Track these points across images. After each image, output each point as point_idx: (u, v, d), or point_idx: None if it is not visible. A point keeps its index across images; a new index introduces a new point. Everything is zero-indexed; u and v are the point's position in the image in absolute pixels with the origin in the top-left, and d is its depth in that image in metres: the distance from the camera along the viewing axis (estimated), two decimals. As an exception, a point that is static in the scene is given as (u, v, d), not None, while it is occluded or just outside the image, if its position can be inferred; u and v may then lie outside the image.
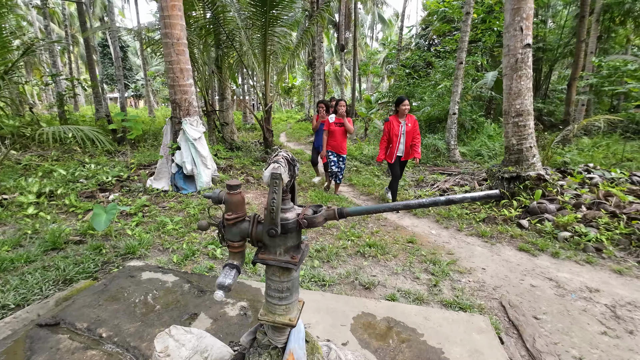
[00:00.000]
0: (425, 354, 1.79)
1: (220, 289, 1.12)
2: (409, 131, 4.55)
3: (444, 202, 1.02)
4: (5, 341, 1.81)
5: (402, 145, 4.58)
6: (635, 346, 2.00)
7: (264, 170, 1.09)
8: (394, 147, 4.56)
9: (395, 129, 4.50)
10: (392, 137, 4.54)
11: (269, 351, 1.26)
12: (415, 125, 4.59)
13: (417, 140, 4.63)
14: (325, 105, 5.86)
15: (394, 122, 4.53)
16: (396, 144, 4.54)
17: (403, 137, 4.55)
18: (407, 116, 4.55)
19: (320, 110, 5.81)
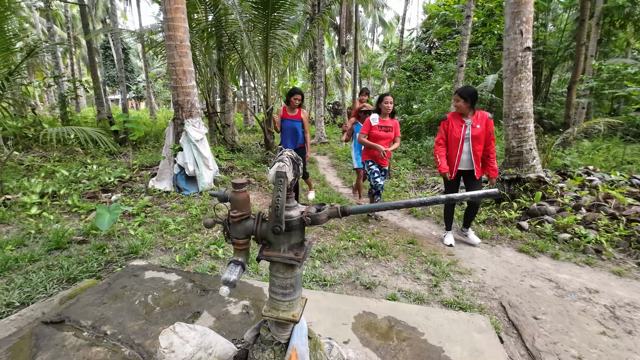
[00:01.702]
0: (425, 353, 1.81)
1: (226, 284, 1.15)
2: (478, 135, 3.26)
3: (444, 200, 1.05)
4: (11, 338, 1.83)
5: (465, 155, 3.34)
6: (634, 346, 2.02)
7: (269, 169, 1.11)
8: (453, 158, 3.37)
9: (456, 132, 3.32)
10: (450, 142, 3.39)
11: (273, 347, 1.28)
12: (489, 127, 3.30)
13: (491, 149, 3.37)
14: (302, 96, 4.63)
15: (453, 122, 3.36)
16: (457, 152, 3.33)
17: (468, 143, 3.30)
18: (477, 113, 3.30)
19: (294, 101, 4.52)
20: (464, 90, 3.28)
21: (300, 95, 4.57)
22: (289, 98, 4.55)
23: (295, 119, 4.58)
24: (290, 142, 4.62)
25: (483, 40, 12.37)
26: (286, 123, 4.57)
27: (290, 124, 4.57)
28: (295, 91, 4.54)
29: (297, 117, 4.59)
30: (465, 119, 3.33)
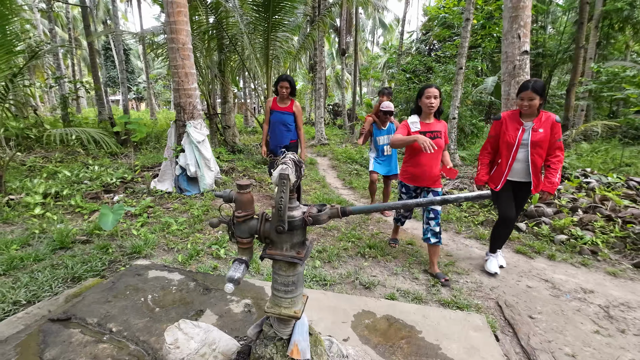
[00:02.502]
0: (423, 350, 1.85)
1: (230, 282, 1.20)
2: (540, 141, 2.63)
3: (439, 202, 1.10)
4: (20, 335, 1.88)
5: (520, 164, 2.72)
6: (626, 344, 2.07)
7: (273, 171, 1.17)
8: (503, 166, 2.78)
9: (510, 135, 2.71)
10: (502, 148, 2.79)
11: (275, 342, 1.33)
12: (556, 132, 2.65)
13: (557, 159, 2.69)
14: (290, 84, 3.94)
15: (509, 124, 2.75)
16: (508, 160, 2.74)
17: (525, 150, 2.68)
18: (541, 115, 2.66)
19: (284, 91, 3.93)
20: (539, 85, 2.55)
21: (289, 82, 3.91)
22: (276, 86, 3.96)
23: (286, 111, 3.99)
24: (280, 138, 4.03)
25: (482, 43, 12.45)
26: (275, 116, 3.99)
27: (279, 117, 3.99)
28: (282, 78, 3.92)
29: (288, 110, 4.00)
30: (525, 120, 2.69)
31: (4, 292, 2.38)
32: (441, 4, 15.14)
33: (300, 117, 4.08)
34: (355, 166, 7.99)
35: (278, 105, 4.03)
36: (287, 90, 3.92)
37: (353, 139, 13.15)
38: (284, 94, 3.93)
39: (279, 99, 4.03)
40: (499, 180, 2.82)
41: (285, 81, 3.91)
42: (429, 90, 2.75)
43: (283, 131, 4.04)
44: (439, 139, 2.79)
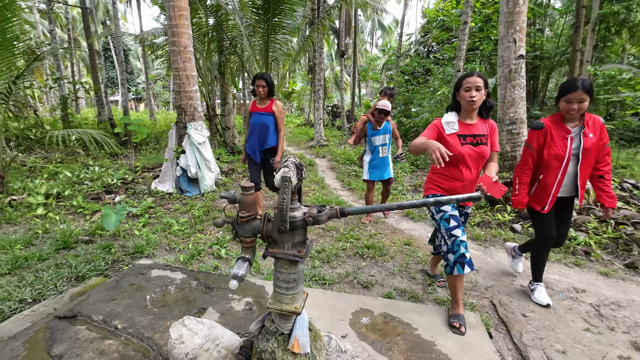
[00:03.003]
0: (419, 346, 1.92)
1: (234, 278, 1.26)
2: (591, 148, 2.27)
3: (432, 203, 1.17)
4: (27, 331, 1.94)
5: (569, 178, 2.35)
6: (615, 341, 2.14)
7: (275, 174, 1.23)
8: (550, 182, 2.36)
9: (559, 146, 2.29)
10: (548, 161, 2.35)
11: (276, 337, 1.39)
12: (604, 136, 2.32)
13: (608, 167, 2.38)
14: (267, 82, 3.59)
15: (554, 132, 2.32)
16: (557, 176, 2.34)
17: (575, 161, 2.31)
18: (586, 117, 2.29)
19: (260, 90, 3.61)
20: (588, 84, 2.16)
21: (265, 80, 3.57)
22: (252, 86, 3.67)
23: (265, 112, 3.66)
24: (257, 142, 3.70)
25: (480, 46, 12.55)
26: (253, 117, 3.69)
27: (258, 119, 3.66)
28: (257, 76, 3.60)
29: (267, 110, 3.66)
30: (571, 126, 2.29)
31: (10, 291, 2.44)
32: (439, 6, 15.27)
33: (281, 119, 3.71)
34: (354, 167, 8.06)
35: (257, 106, 3.71)
36: (264, 89, 3.59)
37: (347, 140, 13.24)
38: (261, 94, 3.60)
39: (258, 99, 3.71)
40: (546, 200, 2.38)
41: (261, 79, 3.57)
42: (469, 80, 2.07)
43: (262, 134, 3.67)
44: (482, 146, 2.13)
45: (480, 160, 2.18)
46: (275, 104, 3.68)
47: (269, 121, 3.67)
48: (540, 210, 2.43)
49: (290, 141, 14.10)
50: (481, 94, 2.09)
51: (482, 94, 2.10)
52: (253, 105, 3.73)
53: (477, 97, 2.08)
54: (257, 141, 3.71)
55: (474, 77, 2.07)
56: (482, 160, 2.19)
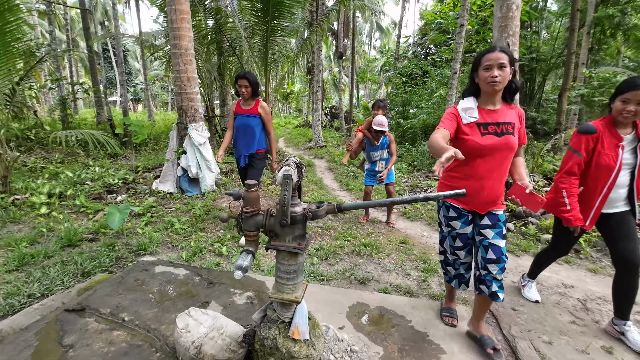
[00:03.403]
0: (412, 337, 2.02)
1: (239, 269, 1.36)
2: None
3: (422, 199, 1.27)
4: (38, 323, 2.02)
5: (620, 191, 2.10)
6: (599, 334, 2.25)
7: (277, 172, 1.33)
8: (593, 196, 2.12)
9: (609, 155, 2.04)
10: (595, 171, 2.10)
11: (278, 325, 1.49)
12: None
13: None
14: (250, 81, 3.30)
15: (605, 139, 2.06)
16: (602, 188, 2.09)
17: (627, 172, 2.08)
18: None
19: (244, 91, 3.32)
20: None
21: (248, 80, 3.29)
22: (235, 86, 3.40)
23: (250, 113, 3.39)
24: (243, 146, 3.47)
25: (477, 48, 12.71)
26: (238, 119, 3.45)
27: (243, 121, 3.42)
28: (239, 75, 3.34)
29: (253, 112, 3.39)
30: (623, 133, 2.04)
31: (19, 286, 2.53)
32: (437, 9, 15.43)
33: (268, 120, 3.48)
34: (352, 168, 8.16)
35: (241, 107, 3.46)
36: (248, 89, 3.31)
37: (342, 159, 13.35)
38: (244, 94, 3.34)
39: (242, 100, 3.46)
40: (586, 215, 2.14)
41: (244, 79, 3.29)
42: (490, 57, 1.68)
43: (249, 137, 3.43)
44: (509, 136, 1.74)
45: (507, 153, 1.76)
46: (261, 105, 3.42)
47: (255, 123, 3.42)
48: (585, 225, 2.15)
49: (289, 142, 14.21)
50: (505, 73, 1.67)
51: (506, 73, 1.67)
52: (237, 107, 3.47)
53: (501, 77, 1.66)
54: (244, 145, 3.46)
55: (496, 53, 1.66)
56: (509, 153, 1.77)
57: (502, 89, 1.75)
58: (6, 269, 2.79)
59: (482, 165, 1.80)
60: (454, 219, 1.95)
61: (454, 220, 1.96)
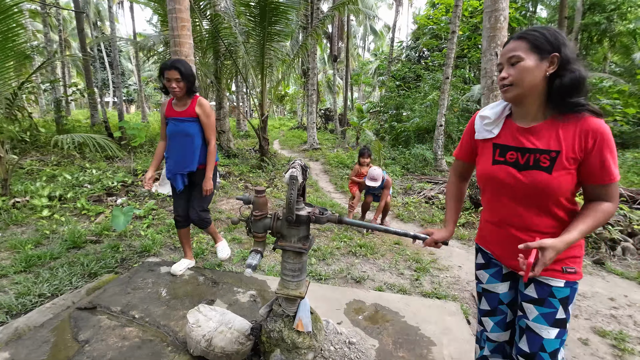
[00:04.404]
0: (405, 331, 2.18)
1: (249, 267, 1.50)
2: None
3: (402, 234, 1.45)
4: (52, 321, 2.13)
5: None
6: (577, 327, 2.43)
7: (284, 174, 1.48)
8: None
9: None
10: None
11: (283, 319, 1.63)
12: None
13: None
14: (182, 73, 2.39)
15: None
16: None
17: None
18: None
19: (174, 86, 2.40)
20: None
21: (179, 72, 2.37)
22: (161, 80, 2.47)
23: (185, 117, 2.50)
24: (179, 161, 2.56)
25: (469, 53, 13.00)
26: (171, 125, 2.55)
27: (176, 128, 2.52)
28: (166, 66, 2.40)
29: (189, 114, 2.50)
30: None
31: (29, 286, 2.63)
32: (429, 14, 15.71)
33: (209, 125, 2.56)
34: (347, 171, 8.33)
35: (174, 108, 2.54)
36: (179, 84, 2.40)
37: (344, 144, 13.53)
38: (175, 91, 2.41)
39: (175, 100, 2.55)
40: None
41: (172, 69, 2.36)
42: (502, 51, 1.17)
43: (185, 150, 2.53)
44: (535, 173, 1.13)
45: (534, 198, 1.14)
46: (200, 104, 2.53)
47: (193, 130, 2.51)
48: None
49: (284, 144, 14.33)
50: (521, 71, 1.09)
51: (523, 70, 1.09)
52: (168, 108, 2.57)
53: (512, 78, 1.11)
54: (179, 160, 2.54)
55: (509, 44, 1.15)
56: (539, 198, 1.14)
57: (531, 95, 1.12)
58: (14, 270, 2.88)
59: (500, 205, 1.23)
60: (481, 267, 1.39)
61: (480, 270, 1.40)
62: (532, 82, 1.10)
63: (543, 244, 1.04)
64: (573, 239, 1.07)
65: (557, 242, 1.04)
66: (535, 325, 1.18)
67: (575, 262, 1.18)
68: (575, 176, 1.10)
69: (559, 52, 1.08)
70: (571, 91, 1.08)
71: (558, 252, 1.04)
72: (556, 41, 1.09)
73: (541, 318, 1.17)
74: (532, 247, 1.05)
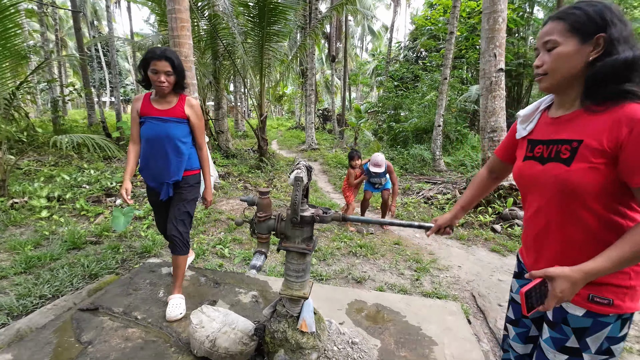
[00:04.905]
0: (406, 330, 2.19)
1: (253, 268, 1.51)
2: None
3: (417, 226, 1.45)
4: (54, 322, 2.13)
5: None
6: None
7: (289, 175, 1.49)
8: None
9: None
10: None
11: (287, 319, 1.64)
12: None
13: None
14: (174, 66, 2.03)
15: None
16: None
17: None
18: None
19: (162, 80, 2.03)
20: None
21: (172, 64, 2.02)
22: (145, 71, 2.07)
23: (171, 117, 2.13)
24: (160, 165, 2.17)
25: (466, 54, 13.06)
26: (149, 126, 2.14)
27: (156, 128, 2.12)
28: (155, 55, 2.00)
29: (177, 114, 2.15)
30: None
31: (30, 288, 2.62)
32: (427, 14, 15.77)
33: (200, 128, 2.26)
34: (345, 171, 8.34)
35: (154, 106, 2.14)
36: (170, 78, 2.04)
37: (342, 144, 13.55)
38: (163, 87, 2.04)
39: (155, 94, 2.15)
40: None
41: (164, 60, 1.99)
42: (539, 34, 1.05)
43: (169, 156, 2.14)
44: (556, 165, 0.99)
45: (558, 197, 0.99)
46: (190, 105, 2.19)
47: (180, 132, 2.15)
48: None
49: (282, 144, 14.33)
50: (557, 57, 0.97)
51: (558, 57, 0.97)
52: (145, 105, 2.14)
53: (547, 67, 1.00)
54: (162, 167, 2.16)
55: (545, 27, 1.02)
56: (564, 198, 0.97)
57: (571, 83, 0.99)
58: (14, 272, 2.88)
59: (530, 206, 1.12)
60: (515, 276, 1.29)
61: (514, 278, 1.29)
62: (571, 70, 0.96)
63: (549, 273, 0.89)
64: (597, 268, 0.86)
65: (571, 272, 0.87)
66: (544, 346, 1.09)
67: (613, 291, 0.94)
68: (606, 173, 0.89)
69: (605, 32, 0.91)
70: (602, 79, 0.91)
71: (576, 284, 0.87)
72: (602, 20, 0.91)
73: (550, 341, 1.07)
74: (536, 277, 0.91)
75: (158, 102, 2.17)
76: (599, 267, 0.86)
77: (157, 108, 2.15)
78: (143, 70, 2.09)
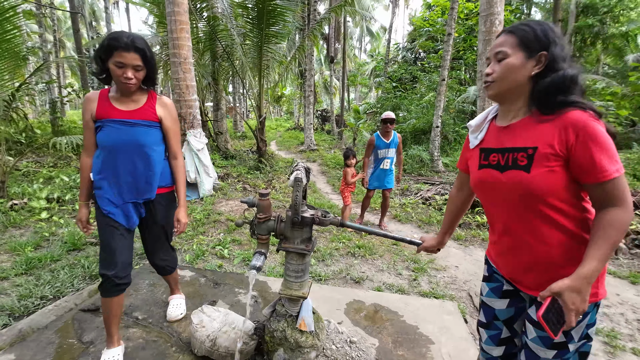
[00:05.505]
0: (404, 330, 2.22)
1: (253, 268, 1.54)
2: None
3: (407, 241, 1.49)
4: (56, 322, 2.16)
5: None
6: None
7: (288, 176, 1.52)
8: None
9: None
10: None
11: (286, 318, 1.67)
12: None
13: None
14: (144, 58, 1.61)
15: None
16: None
17: None
18: None
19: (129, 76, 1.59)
20: None
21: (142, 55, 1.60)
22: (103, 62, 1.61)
23: (140, 119, 1.72)
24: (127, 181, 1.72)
25: (464, 55, 13.12)
26: (111, 131, 1.68)
27: (122, 134, 1.69)
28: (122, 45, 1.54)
29: (146, 117, 1.74)
30: None
31: (31, 289, 2.64)
32: (425, 15, 15.84)
33: (176, 132, 1.89)
34: (344, 172, 8.38)
35: (115, 106, 1.69)
36: (139, 73, 1.65)
37: (341, 145, 13.59)
38: (130, 84, 1.63)
39: (116, 90, 1.72)
40: None
41: (133, 52, 1.58)
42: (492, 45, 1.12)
43: (138, 166, 1.74)
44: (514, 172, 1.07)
45: (522, 201, 1.06)
46: (163, 104, 1.81)
47: (151, 138, 1.77)
48: None
49: (281, 145, 14.36)
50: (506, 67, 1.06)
51: (507, 67, 1.06)
52: (103, 104, 1.69)
53: (496, 75, 1.08)
54: (130, 183, 1.74)
55: (498, 38, 1.10)
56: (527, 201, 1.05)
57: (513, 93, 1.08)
58: (15, 273, 2.89)
59: (493, 213, 1.20)
60: (484, 279, 1.33)
61: (483, 281, 1.33)
62: (515, 81, 1.06)
63: (554, 290, 0.92)
64: (591, 269, 0.92)
65: (571, 282, 0.91)
66: (533, 345, 1.12)
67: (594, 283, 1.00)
68: (563, 174, 0.99)
69: (547, 50, 1.01)
70: (553, 91, 1.02)
71: (581, 291, 0.91)
72: (546, 38, 1.02)
73: (539, 340, 1.10)
74: (545, 297, 0.94)
75: (121, 101, 1.70)
76: (593, 268, 0.92)
77: (120, 109, 1.69)
78: (101, 61, 1.61)
